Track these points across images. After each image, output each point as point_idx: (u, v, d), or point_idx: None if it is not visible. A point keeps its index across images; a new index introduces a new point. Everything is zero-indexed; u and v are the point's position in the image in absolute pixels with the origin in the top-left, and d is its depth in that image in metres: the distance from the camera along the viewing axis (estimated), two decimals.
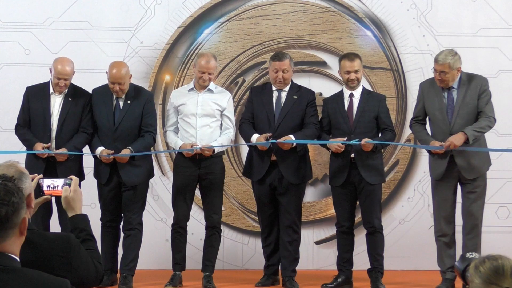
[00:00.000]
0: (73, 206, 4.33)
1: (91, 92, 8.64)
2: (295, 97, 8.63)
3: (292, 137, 8.42)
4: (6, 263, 3.15)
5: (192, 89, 8.64)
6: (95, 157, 8.53)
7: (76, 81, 8.73)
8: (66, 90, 8.47)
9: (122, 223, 8.65)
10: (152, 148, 8.94)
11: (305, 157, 8.67)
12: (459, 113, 8.32)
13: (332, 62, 9.56)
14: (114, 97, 8.52)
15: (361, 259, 8.88)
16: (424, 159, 9.20)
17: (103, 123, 8.52)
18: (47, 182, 4.43)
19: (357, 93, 8.60)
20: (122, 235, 8.68)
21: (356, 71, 8.51)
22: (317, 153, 9.42)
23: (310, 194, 9.58)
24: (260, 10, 9.69)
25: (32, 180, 4.21)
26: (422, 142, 8.59)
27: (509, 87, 9.63)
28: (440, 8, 9.71)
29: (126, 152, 8.35)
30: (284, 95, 8.65)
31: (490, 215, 9.42)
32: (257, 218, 9.07)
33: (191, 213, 8.75)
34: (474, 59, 9.53)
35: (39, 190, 4.40)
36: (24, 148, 8.59)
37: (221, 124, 8.67)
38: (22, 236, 3.22)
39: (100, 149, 8.44)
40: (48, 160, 8.37)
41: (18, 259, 3.21)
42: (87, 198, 9.00)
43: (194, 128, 8.56)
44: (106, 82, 8.53)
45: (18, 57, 9.40)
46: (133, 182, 8.44)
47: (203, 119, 8.57)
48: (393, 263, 9.33)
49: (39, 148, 8.28)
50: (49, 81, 8.52)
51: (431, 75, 8.70)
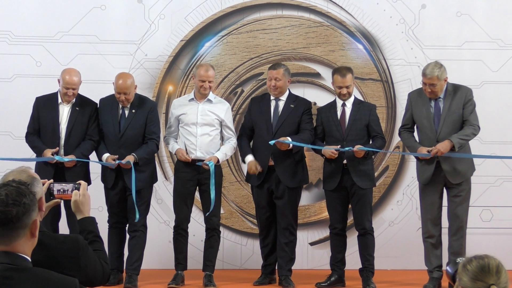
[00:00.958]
0: (81, 209, 4.33)
1: (97, 101, 8.65)
2: (292, 105, 8.65)
3: (289, 138, 8.42)
4: (18, 263, 3.15)
5: (192, 99, 8.64)
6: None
7: (84, 91, 8.76)
8: (74, 100, 8.48)
9: (127, 225, 8.64)
10: (156, 155, 8.91)
11: (301, 162, 8.70)
12: (445, 121, 8.34)
13: (326, 74, 9.57)
14: (120, 106, 8.53)
15: (353, 259, 8.86)
16: (412, 165, 9.19)
17: (109, 130, 8.52)
18: (57, 187, 4.42)
19: (349, 103, 8.61)
20: (127, 236, 8.68)
21: (347, 87, 8.52)
22: (312, 159, 9.40)
23: (305, 198, 9.56)
24: (258, 24, 9.68)
25: (43, 184, 4.20)
26: (410, 148, 8.61)
27: (492, 97, 9.63)
28: (427, 23, 9.71)
29: (130, 158, 8.34)
30: (281, 104, 8.66)
31: (475, 217, 9.41)
32: (255, 220, 9.07)
33: (193, 215, 8.75)
34: (459, 70, 9.52)
35: (49, 194, 4.39)
36: (34, 155, 8.56)
37: (220, 132, 8.67)
38: (33, 238, 3.21)
39: (106, 155, 8.45)
40: (57, 166, 8.36)
41: (29, 259, 3.19)
42: (94, 202, 8.99)
43: (195, 137, 8.56)
44: (113, 92, 8.53)
45: (29, 68, 9.38)
46: (137, 187, 8.41)
47: (203, 128, 8.58)
48: (383, 263, 9.31)
49: (48, 154, 8.28)
50: (57, 92, 8.54)
51: (419, 85, 8.70)
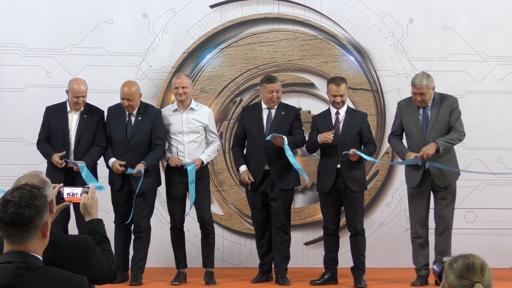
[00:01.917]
0: (90, 211, 4.33)
1: (105, 110, 8.66)
2: (283, 113, 8.64)
3: (284, 137, 8.40)
4: (30, 262, 3.15)
5: (176, 109, 8.65)
6: (109, 167, 8.53)
7: (92, 100, 8.76)
8: (82, 108, 8.48)
9: (132, 226, 8.63)
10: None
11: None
12: (432, 128, 8.35)
13: (320, 84, 9.58)
14: (127, 113, 8.54)
15: (345, 258, 8.84)
16: (401, 169, 9.19)
17: (117, 137, 8.52)
18: (67, 190, 4.43)
19: (342, 111, 8.60)
20: (132, 236, 8.69)
21: (341, 95, 8.51)
22: (306, 164, 9.40)
23: (300, 200, 9.57)
24: (256, 37, 9.68)
25: (54, 188, 4.20)
26: (399, 153, 8.62)
27: (475, 106, 9.62)
28: (414, 36, 9.71)
29: (141, 166, 8.37)
30: (273, 112, 8.65)
31: (459, 219, 9.40)
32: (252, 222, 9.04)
33: (192, 215, 8.73)
34: (444, 81, 9.52)
35: (59, 197, 4.39)
36: (44, 160, 8.58)
37: (205, 138, 8.66)
38: (44, 239, 3.21)
39: (112, 160, 8.45)
40: (67, 171, 8.35)
41: (41, 258, 3.19)
42: (101, 204, 9.01)
43: (182, 144, 8.57)
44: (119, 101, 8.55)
45: (41, 79, 9.37)
46: (142, 190, 8.41)
47: (189, 135, 8.58)
48: (374, 262, 9.31)
49: (55, 158, 8.26)
50: (66, 101, 8.54)
51: (407, 95, 8.72)
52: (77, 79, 8.57)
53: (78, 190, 4.42)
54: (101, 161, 8.67)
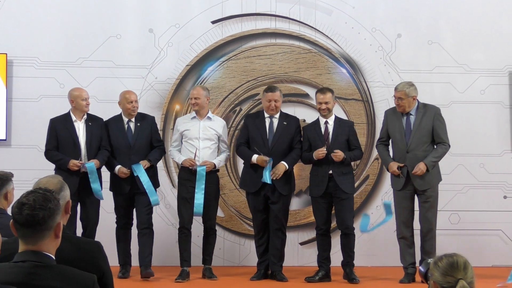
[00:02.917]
0: None
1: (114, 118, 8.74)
2: (285, 123, 8.64)
3: (285, 164, 8.49)
4: (44, 261, 3.16)
5: (194, 117, 8.70)
6: (113, 173, 8.58)
7: (101, 110, 8.87)
8: (86, 116, 8.53)
9: (136, 224, 8.66)
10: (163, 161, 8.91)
11: (291, 173, 8.73)
12: (414, 135, 8.38)
13: (313, 94, 9.52)
14: (125, 122, 8.62)
15: (337, 257, 8.84)
16: (389, 175, 9.15)
17: (120, 143, 8.60)
18: None
19: (330, 120, 8.61)
20: (132, 234, 8.74)
21: (326, 103, 8.50)
22: (301, 169, 9.40)
23: (295, 203, 9.56)
24: (254, 51, 9.68)
25: None
26: (384, 161, 8.68)
27: (459, 115, 9.63)
28: (402, 50, 9.72)
29: (144, 162, 8.49)
30: (275, 121, 8.65)
31: (444, 220, 9.42)
32: (252, 223, 9.02)
33: (198, 220, 8.73)
34: (430, 92, 9.55)
35: None
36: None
37: (218, 146, 8.71)
38: (57, 239, 3.21)
39: (118, 167, 8.53)
40: (81, 175, 8.36)
41: (53, 257, 3.18)
42: (108, 206, 9.04)
43: (198, 149, 8.58)
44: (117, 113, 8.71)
45: (54, 90, 9.36)
46: (142, 189, 8.49)
47: (204, 142, 8.62)
48: (364, 260, 9.32)
49: (75, 162, 8.29)
50: (69, 111, 8.54)
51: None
52: (76, 87, 8.67)
53: None
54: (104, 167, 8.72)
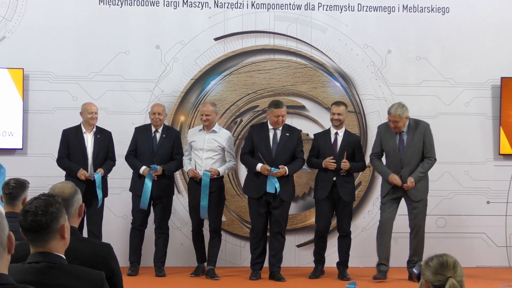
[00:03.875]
0: None
1: (123, 129, 8.92)
2: (287, 134, 8.70)
3: (286, 169, 8.56)
4: (55, 261, 3.15)
5: (201, 130, 8.81)
6: (138, 175, 8.73)
7: (111, 121, 8.97)
8: (95, 129, 8.72)
9: (154, 228, 8.83)
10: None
11: (292, 180, 8.80)
12: (408, 151, 8.54)
13: (310, 106, 9.59)
14: (153, 131, 8.81)
15: (332, 258, 8.83)
16: (380, 182, 9.12)
17: (145, 149, 8.78)
18: None
19: (341, 132, 8.80)
20: (144, 236, 8.84)
21: (339, 114, 8.69)
22: (299, 176, 9.37)
23: (293, 208, 9.51)
24: (254, 66, 9.66)
25: None
26: (382, 174, 8.75)
27: (445, 126, 9.61)
28: (392, 65, 9.70)
29: (160, 169, 8.66)
30: (279, 133, 8.71)
31: (431, 224, 9.40)
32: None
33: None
34: (418, 104, 9.53)
35: None
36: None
37: (223, 157, 8.79)
38: (63, 240, 3.18)
39: (143, 168, 8.69)
40: (88, 182, 8.54)
41: (64, 256, 3.15)
42: (120, 211, 8.99)
43: (201, 159, 8.70)
44: (148, 122, 8.93)
45: (67, 102, 9.32)
46: (160, 195, 8.70)
47: (207, 153, 8.71)
48: (357, 261, 9.30)
49: (83, 172, 8.51)
50: (80, 124, 8.74)
51: (386, 116, 8.69)
52: (87, 102, 8.84)
53: None
54: (111, 174, 8.83)
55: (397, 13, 9.70)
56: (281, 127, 8.69)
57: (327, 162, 8.57)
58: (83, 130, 8.70)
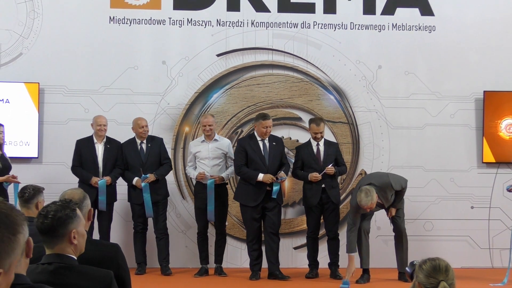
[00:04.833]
0: None
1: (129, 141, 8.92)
2: (274, 143, 8.74)
3: (284, 175, 8.57)
4: (67, 262, 3.17)
5: (203, 140, 8.88)
6: (132, 186, 8.74)
7: (121, 131, 8.94)
8: (105, 139, 8.79)
9: (154, 231, 8.83)
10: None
11: (283, 185, 8.82)
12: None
13: (306, 118, 9.53)
14: (138, 143, 8.82)
15: (325, 260, 8.77)
16: None
17: (134, 161, 8.80)
18: None
19: (321, 143, 8.79)
20: (146, 238, 8.87)
21: (321, 132, 8.71)
22: (295, 183, 9.34)
23: (290, 213, 9.52)
24: (254, 80, 9.63)
25: None
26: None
27: (432, 136, 9.62)
28: (382, 79, 9.67)
29: (151, 176, 8.68)
30: (267, 143, 8.73)
31: (419, 228, 9.40)
32: None
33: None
34: (407, 116, 9.54)
35: None
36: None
37: (226, 163, 8.87)
38: (72, 245, 3.15)
39: (136, 179, 8.72)
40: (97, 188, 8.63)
41: (75, 257, 3.12)
42: (123, 215, 8.93)
43: (208, 167, 8.77)
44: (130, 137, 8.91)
45: (80, 114, 9.32)
46: (156, 199, 8.72)
47: (213, 161, 8.79)
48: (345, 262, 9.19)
49: (95, 179, 8.61)
50: (92, 135, 8.81)
51: (377, 127, 8.72)
52: (98, 116, 8.89)
53: None
54: (120, 181, 8.86)
55: (387, 31, 9.70)
56: (267, 138, 8.71)
57: (313, 177, 8.59)
58: (95, 140, 8.81)
